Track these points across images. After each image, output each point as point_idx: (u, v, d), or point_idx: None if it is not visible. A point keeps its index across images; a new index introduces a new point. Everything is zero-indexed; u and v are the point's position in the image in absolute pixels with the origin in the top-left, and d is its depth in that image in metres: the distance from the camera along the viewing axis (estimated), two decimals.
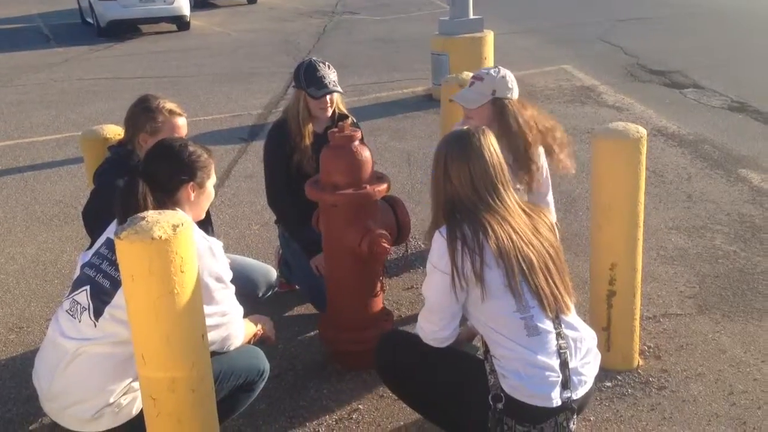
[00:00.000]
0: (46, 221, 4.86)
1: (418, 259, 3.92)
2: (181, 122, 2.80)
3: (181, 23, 15.01)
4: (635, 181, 2.62)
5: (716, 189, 4.74)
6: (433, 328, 2.15)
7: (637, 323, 2.82)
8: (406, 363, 2.26)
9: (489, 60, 7.51)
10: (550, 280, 2.06)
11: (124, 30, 14.60)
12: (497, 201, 2.10)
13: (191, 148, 2.23)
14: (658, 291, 3.46)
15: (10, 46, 13.80)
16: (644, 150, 2.61)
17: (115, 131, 3.18)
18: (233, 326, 2.21)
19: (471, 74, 3.12)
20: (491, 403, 2.02)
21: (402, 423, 2.60)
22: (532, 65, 9.17)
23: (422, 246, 4.10)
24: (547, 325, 2.03)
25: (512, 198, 2.14)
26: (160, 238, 1.68)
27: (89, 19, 15.47)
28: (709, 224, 4.20)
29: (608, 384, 2.73)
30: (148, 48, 13.06)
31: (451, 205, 2.11)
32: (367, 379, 2.85)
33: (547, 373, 1.99)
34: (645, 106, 6.92)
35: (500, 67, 3.01)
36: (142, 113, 2.74)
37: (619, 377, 2.77)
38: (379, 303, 2.96)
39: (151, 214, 1.75)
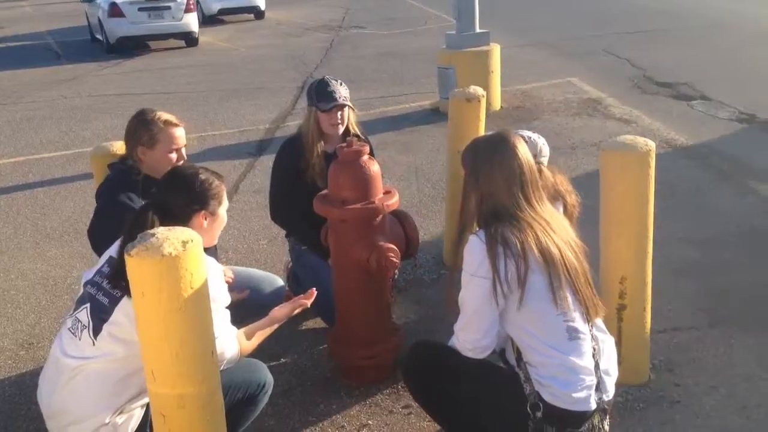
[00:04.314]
0: (56, 237, 4.88)
1: (427, 274, 3.91)
2: (179, 132, 2.80)
3: (189, 39, 15.12)
4: (644, 194, 2.61)
5: (726, 201, 4.72)
6: (474, 337, 2.10)
7: (648, 337, 2.80)
8: (436, 373, 2.23)
9: (496, 74, 7.54)
10: (588, 284, 2.07)
11: (133, 46, 14.72)
12: (538, 205, 2.08)
13: (202, 177, 2.24)
14: (669, 304, 3.43)
15: (21, 63, 13.93)
16: (653, 163, 2.60)
17: (124, 147, 3.19)
18: (222, 349, 2.13)
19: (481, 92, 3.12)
20: (530, 412, 2.02)
21: None
22: (538, 78, 9.18)
23: (430, 260, 4.09)
24: (585, 328, 2.05)
25: (548, 202, 2.15)
26: (170, 254, 1.68)
27: (98, 36, 15.59)
28: (719, 236, 4.18)
29: (620, 399, 2.70)
30: (157, 64, 13.16)
31: (491, 211, 2.07)
32: (376, 394, 2.84)
33: (585, 376, 2.01)
34: (652, 118, 6.91)
35: (538, 134, 3.05)
36: (139, 126, 2.77)
37: (630, 392, 2.75)
38: (387, 318, 2.96)
39: (161, 231, 1.76)
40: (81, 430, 2.06)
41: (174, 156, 2.78)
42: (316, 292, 2.48)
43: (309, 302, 2.47)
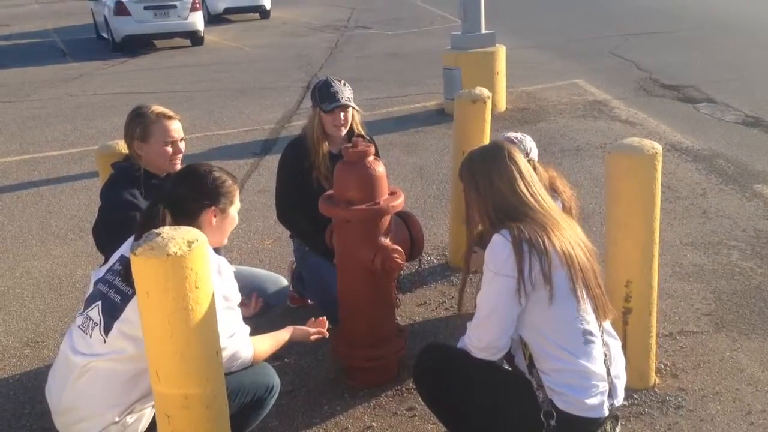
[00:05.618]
0: (62, 235, 4.89)
1: (431, 275, 3.91)
2: (173, 125, 2.78)
3: (194, 38, 15.16)
4: (651, 197, 2.60)
5: (731, 204, 4.70)
6: (490, 337, 2.08)
7: (653, 341, 2.79)
8: (448, 377, 2.22)
9: (501, 75, 7.53)
10: (598, 284, 2.06)
11: (138, 45, 14.76)
12: (545, 203, 2.10)
13: (216, 174, 2.25)
14: (674, 308, 3.43)
15: (27, 61, 13.98)
16: (659, 166, 2.59)
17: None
18: (238, 347, 2.17)
19: (487, 94, 3.13)
20: (544, 420, 2.01)
21: None
22: (544, 80, 9.17)
23: (435, 261, 4.09)
24: (597, 331, 2.05)
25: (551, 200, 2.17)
26: (176, 254, 1.68)
27: (104, 35, 15.64)
28: (724, 240, 4.17)
29: (625, 403, 2.69)
30: (163, 63, 13.18)
31: (502, 212, 2.08)
32: (380, 396, 2.84)
33: (598, 383, 2.01)
34: (658, 120, 6.90)
35: (522, 133, 3.08)
36: (133, 120, 2.76)
37: (635, 396, 2.74)
38: (392, 319, 2.95)
39: (166, 230, 1.75)
40: (90, 428, 2.07)
41: (169, 149, 2.76)
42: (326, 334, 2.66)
43: (326, 332, 2.64)
